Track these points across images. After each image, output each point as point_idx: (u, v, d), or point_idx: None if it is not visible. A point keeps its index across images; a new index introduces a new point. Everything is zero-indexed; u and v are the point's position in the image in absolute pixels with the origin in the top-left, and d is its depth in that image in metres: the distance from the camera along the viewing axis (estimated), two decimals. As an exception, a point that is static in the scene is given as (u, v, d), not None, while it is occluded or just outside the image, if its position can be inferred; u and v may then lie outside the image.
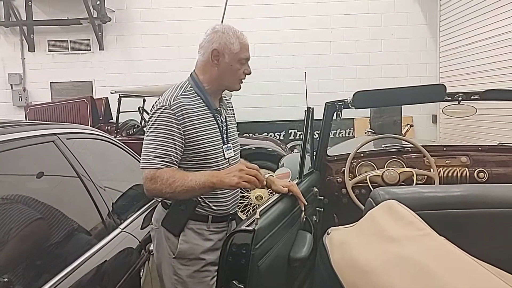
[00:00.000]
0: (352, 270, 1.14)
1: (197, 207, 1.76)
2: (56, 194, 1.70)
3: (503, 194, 1.56)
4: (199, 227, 1.77)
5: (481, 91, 2.71)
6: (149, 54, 7.85)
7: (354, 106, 2.62)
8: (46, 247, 1.43)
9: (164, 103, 1.71)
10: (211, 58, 1.78)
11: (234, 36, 1.77)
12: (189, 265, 1.75)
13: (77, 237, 1.62)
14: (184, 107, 1.71)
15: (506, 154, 3.00)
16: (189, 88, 1.80)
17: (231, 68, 1.79)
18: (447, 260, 0.98)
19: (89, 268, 1.51)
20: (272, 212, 1.64)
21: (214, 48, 1.77)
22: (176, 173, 1.65)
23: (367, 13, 7.71)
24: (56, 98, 7.76)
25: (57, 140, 1.75)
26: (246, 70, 1.83)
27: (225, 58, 1.77)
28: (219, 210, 1.80)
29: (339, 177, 2.93)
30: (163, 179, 1.62)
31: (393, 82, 7.21)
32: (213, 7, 7.04)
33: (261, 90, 7.57)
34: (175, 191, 1.62)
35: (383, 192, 1.50)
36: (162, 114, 1.70)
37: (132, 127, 6.18)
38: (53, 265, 1.39)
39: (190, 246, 1.75)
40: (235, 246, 1.43)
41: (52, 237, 1.45)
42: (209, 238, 1.79)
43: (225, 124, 1.87)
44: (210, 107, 1.80)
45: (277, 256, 1.63)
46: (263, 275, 1.47)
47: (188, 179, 1.63)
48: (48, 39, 7.96)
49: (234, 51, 1.76)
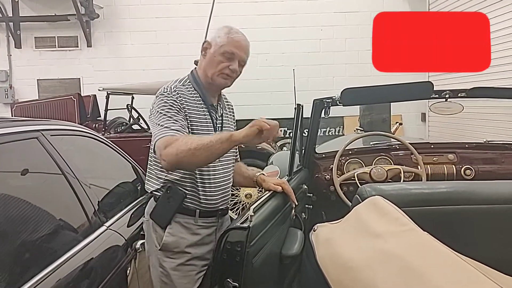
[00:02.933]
0: (336, 266, 1.14)
1: (185, 201, 1.76)
2: (39, 191, 1.68)
3: (488, 190, 1.57)
4: (187, 221, 1.78)
5: (468, 89, 2.73)
6: (137, 51, 7.79)
7: (342, 103, 2.63)
8: (27, 245, 1.40)
9: (165, 90, 1.75)
10: (201, 50, 1.85)
11: (225, 32, 1.80)
12: (173, 258, 1.76)
13: (60, 235, 1.60)
14: (183, 98, 1.75)
15: (492, 152, 3.04)
16: (187, 83, 1.83)
17: (214, 60, 1.80)
18: (431, 255, 0.98)
19: (72, 267, 1.48)
20: (265, 210, 1.64)
21: (205, 40, 1.85)
22: (190, 136, 1.65)
23: (357, 11, 7.74)
24: (43, 95, 7.68)
25: (41, 137, 1.72)
26: (231, 66, 1.80)
27: (211, 49, 1.81)
28: (207, 204, 1.80)
29: (327, 174, 2.94)
30: (178, 141, 1.58)
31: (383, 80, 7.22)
32: (202, 4, 6.99)
33: (251, 88, 7.55)
34: (195, 152, 1.55)
35: (370, 189, 1.50)
36: (165, 98, 1.72)
37: (120, 124, 6.14)
38: (35, 263, 1.37)
39: (176, 240, 1.75)
40: (230, 244, 1.43)
41: (33, 235, 1.43)
42: (197, 233, 1.79)
43: (220, 121, 1.88)
44: (206, 102, 1.83)
45: (270, 253, 1.63)
46: (256, 272, 1.46)
47: (205, 139, 1.60)
48: (35, 36, 7.86)
49: (219, 43, 1.79)
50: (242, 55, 1.82)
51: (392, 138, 3.24)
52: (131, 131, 5.96)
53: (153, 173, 1.83)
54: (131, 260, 1.94)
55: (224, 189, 1.88)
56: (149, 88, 5.49)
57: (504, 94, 3.16)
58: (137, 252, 1.98)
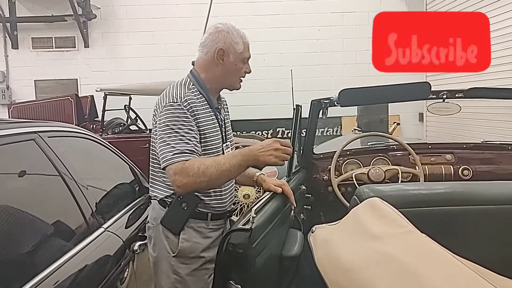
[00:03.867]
0: (334, 268, 1.14)
1: (198, 205, 1.75)
2: (36, 193, 1.67)
3: (486, 191, 1.58)
4: (199, 225, 1.77)
5: (465, 89, 2.73)
6: (135, 52, 7.79)
7: (340, 104, 2.63)
8: (25, 247, 1.39)
9: (174, 99, 1.70)
10: (216, 58, 1.78)
11: (238, 36, 1.79)
12: (188, 264, 1.75)
13: (58, 236, 1.59)
14: (193, 105, 1.71)
15: (490, 152, 3.04)
16: (191, 86, 1.79)
17: (235, 68, 1.81)
18: (428, 257, 0.98)
19: (70, 269, 1.48)
20: (266, 211, 1.63)
21: (220, 48, 1.78)
22: (205, 160, 1.63)
23: (354, 11, 7.75)
24: (40, 96, 7.66)
25: (38, 139, 1.72)
26: (247, 69, 1.86)
27: (230, 58, 1.78)
28: (218, 207, 1.81)
29: (325, 175, 2.94)
30: (194, 169, 1.57)
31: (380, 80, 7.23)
32: (200, 4, 7.00)
33: (249, 88, 7.48)
34: (211, 178, 1.59)
35: (368, 190, 1.50)
36: (176, 110, 1.68)
37: (118, 125, 6.13)
38: (33, 265, 1.36)
39: (191, 245, 1.74)
40: (232, 246, 1.42)
41: (31, 237, 1.42)
42: (208, 236, 1.79)
43: (223, 122, 1.89)
44: (212, 106, 1.81)
45: (271, 254, 1.62)
46: (258, 274, 1.46)
47: (221, 163, 1.61)
48: (32, 36, 7.85)
49: (238, 50, 1.78)
50: (250, 54, 1.88)
51: (390, 139, 3.24)
52: (129, 132, 5.95)
53: (160, 180, 1.80)
54: (129, 262, 1.94)
55: (231, 191, 1.91)
56: (147, 88, 5.49)
57: (501, 94, 3.17)
58: (135, 253, 1.98)
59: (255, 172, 1.99)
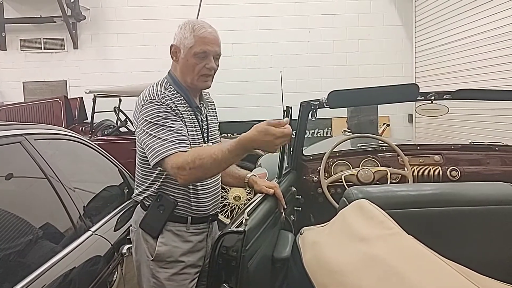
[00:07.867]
0: (322, 270, 1.14)
1: (176, 208, 1.72)
2: (23, 197, 1.65)
3: (473, 192, 1.59)
4: (179, 228, 1.74)
5: (453, 91, 2.76)
6: (125, 53, 7.73)
7: (329, 105, 2.64)
8: (11, 251, 1.37)
9: (152, 97, 1.66)
10: (171, 55, 1.78)
11: (190, 30, 1.70)
12: (167, 268, 1.72)
13: (44, 240, 1.57)
14: (170, 102, 1.68)
15: (477, 153, 3.07)
16: (168, 86, 1.75)
17: (187, 64, 1.72)
18: (415, 260, 0.98)
19: (57, 273, 1.46)
20: (258, 213, 1.63)
21: (172, 44, 1.77)
22: (199, 151, 1.55)
23: (344, 13, 7.77)
24: (29, 98, 7.56)
25: (24, 141, 1.70)
26: (208, 64, 1.72)
27: (181, 54, 1.73)
28: (199, 210, 1.77)
29: (315, 176, 2.94)
30: (190, 163, 1.49)
31: (370, 82, 7.28)
32: (190, 6, 6.97)
33: (239, 89, 7.56)
34: (209, 171, 1.54)
35: (357, 191, 1.51)
36: (156, 105, 1.64)
37: (107, 127, 6.08)
38: (19, 269, 1.34)
39: (169, 249, 1.72)
40: (225, 248, 1.41)
41: (17, 240, 1.40)
42: (189, 240, 1.76)
43: (205, 122, 1.84)
44: (191, 105, 1.77)
45: (263, 256, 1.62)
46: (251, 276, 1.45)
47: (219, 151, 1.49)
48: (20, 38, 7.75)
49: (188, 45, 1.70)
50: (215, 49, 1.73)
51: (379, 140, 3.26)
52: (118, 134, 5.91)
53: (142, 181, 1.78)
54: (117, 265, 1.92)
55: (215, 194, 1.86)
56: (137, 90, 5.42)
57: (489, 96, 3.21)
58: (123, 257, 1.96)
59: (246, 173, 1.97)
